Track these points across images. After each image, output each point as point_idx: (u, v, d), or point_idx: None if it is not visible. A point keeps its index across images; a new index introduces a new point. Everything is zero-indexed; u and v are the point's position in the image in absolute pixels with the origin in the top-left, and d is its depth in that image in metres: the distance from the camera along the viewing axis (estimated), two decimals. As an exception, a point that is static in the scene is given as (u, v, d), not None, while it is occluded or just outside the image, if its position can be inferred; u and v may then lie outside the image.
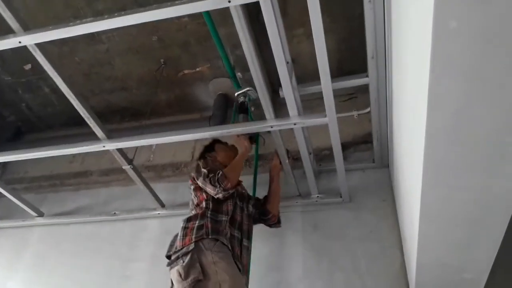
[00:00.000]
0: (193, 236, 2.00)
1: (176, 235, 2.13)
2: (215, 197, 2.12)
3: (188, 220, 2.11)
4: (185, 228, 2.07)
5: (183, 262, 1.91)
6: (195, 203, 2.22)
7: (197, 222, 2.07)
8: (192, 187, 2.26)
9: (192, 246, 1.96)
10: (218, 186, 2.06)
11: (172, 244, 2.14)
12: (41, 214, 3.34)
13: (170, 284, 2.01)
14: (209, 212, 2.11)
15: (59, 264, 3.06)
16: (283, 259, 2.60)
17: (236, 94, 2.68)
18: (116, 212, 3.15)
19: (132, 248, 2.99)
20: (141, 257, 2.90)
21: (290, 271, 2.53)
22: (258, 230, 2.64)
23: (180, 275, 1.88)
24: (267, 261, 2.60)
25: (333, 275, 2.44)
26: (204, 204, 2.15)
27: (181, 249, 1.99)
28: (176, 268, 1.92)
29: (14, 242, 3.32)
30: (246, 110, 2.62)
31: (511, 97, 1.03)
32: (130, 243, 3.01)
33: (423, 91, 1.09)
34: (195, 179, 2.21)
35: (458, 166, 1.27)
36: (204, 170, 2.13)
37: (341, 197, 2.66)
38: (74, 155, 3.69)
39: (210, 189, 2.10)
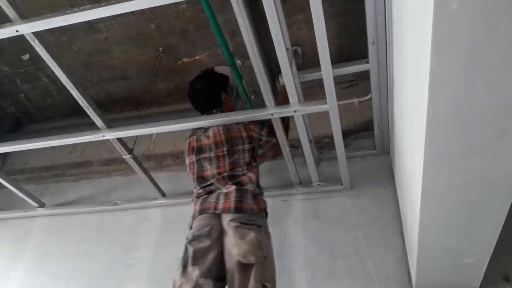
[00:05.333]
0: (265, 206, 2.05)
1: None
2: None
3: (254, 183, 2.09)
4: (252, 193, 2.02)
5: (259, 231, 1.87)
6: (247, 160, 2.15)
7: (258, 189, 2.08)
8: (247, 143, 2.18)
9: (264, 216, 1.98)
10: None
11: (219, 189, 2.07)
12: (42, 205, 3.34)
13: (217, 225, 1.94)
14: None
15: (62, 253, 3.08)
16: (284, 247, 2.60)
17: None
18: (117, 201, 3.16)
19: (134, 237, 3.00)
20: (144, 245, 2.91)
21: (292, 259, 2.54)
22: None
23: (259, 244, 1.83)
24: (269, 249, 2.61)
25: (334, 262, 2.44)
26: (254, 168, 2.15)
27: (257, 212, 1.96)
28: (254, 233, 1.85)
29: (16, 233, 3.34)
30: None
31: (510, 78, 1.03)
32: (132, 232, 3.02)
33: (424, 74, 1.08)
34: (259, 131, 2.23)
35: (458, 148, 1.26)
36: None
37: (342, 184, 2.65)
38: (74, 146, 3.69)
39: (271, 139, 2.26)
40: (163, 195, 3.06)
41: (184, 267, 1.88)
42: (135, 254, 2.89)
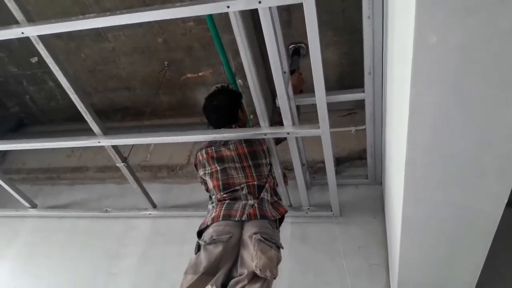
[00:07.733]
0: (285, 210, 2.19)
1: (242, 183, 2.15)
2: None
3: (272, 188, 2.22)
4: (271, 202, 2.15)
5: (278, 252, 1.96)
6: (266, 173, 2.22)
7: (276, 197, 2.23)
8: (268, 157, 2.26)
9: (278, 234, 2.10)
10: None
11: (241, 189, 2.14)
12: (34, 206, 3.36)
13: (236, 235, 1.97)
14: None
15: (48, 256, 3.07)
16: (270, 269, 2.58)
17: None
18: (108, 209, 3.16)
19: (121, 246, 2.99)
20: (129, 255, 2.90)
21: (275, 283, 2.50)
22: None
23: (278, 263, 1.92)
24: (253, 269, 2.58)
25: (317, 289, 2.42)
26: (270, 178, 2.26)
27: (275, 228, 2.09)
28: (275, 252, 1.92)
29: (5, 231, 3.34)
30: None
31: (489, 111, 1.04)
32: (119, 241, 3.02)
33: (405, 105, 1.10)
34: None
35: (438, 182, 1.27)
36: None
37: (331, 211, 2.65)
38: (72, 150, 3.73)
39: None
40: (154, 206, 3.06)
41: (194, 273, 1.86)
42: (119, 264, 2.88)
